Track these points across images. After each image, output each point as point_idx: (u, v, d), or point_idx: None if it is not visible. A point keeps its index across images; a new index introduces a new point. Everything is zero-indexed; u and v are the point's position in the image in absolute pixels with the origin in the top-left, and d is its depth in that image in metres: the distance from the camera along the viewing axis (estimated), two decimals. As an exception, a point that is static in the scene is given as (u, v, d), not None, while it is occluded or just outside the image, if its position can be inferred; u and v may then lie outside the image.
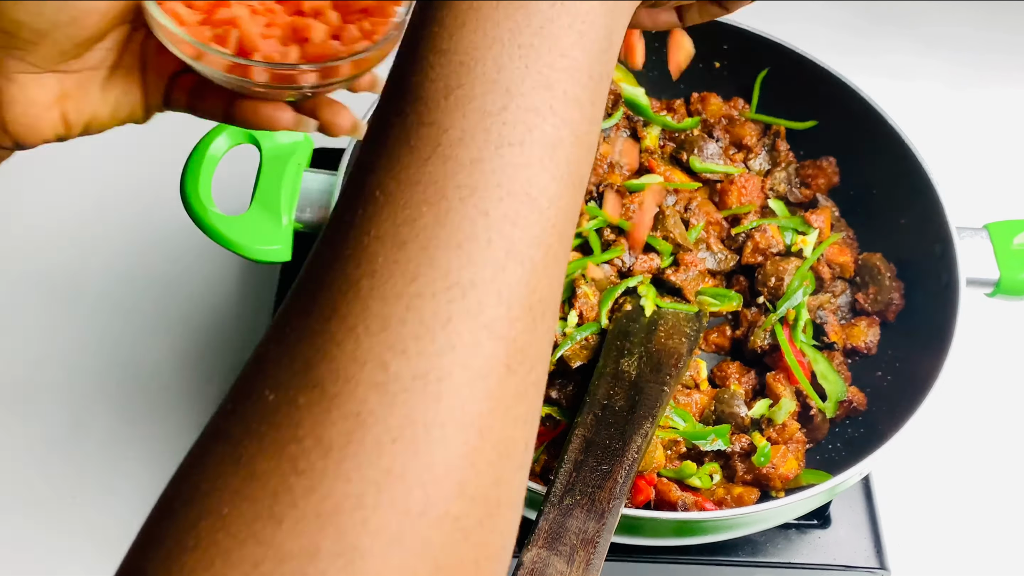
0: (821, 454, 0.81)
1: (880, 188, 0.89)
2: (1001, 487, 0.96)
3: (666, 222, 0.85)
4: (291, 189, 0.78)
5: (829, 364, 0.82)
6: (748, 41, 0.93)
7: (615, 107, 0.93)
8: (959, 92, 1.24)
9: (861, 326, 0.85)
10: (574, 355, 0.79)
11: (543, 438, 0.77)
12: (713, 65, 0.96)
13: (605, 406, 0.71)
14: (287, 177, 0.78)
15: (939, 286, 0.80)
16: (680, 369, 0.76)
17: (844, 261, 0.87)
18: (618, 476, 0.64)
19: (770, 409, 0.80)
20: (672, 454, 0.77)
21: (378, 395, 0.29)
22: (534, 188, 0.33)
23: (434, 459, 0.29)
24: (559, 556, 0.58)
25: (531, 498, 0.68)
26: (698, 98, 0.96)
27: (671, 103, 0.97)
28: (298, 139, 0.79)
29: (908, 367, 0.80)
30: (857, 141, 0.89)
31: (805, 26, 1.26)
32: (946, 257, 0.80)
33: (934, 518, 0.93)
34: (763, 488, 0.78)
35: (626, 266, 0.85)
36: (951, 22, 1.30)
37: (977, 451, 0.97)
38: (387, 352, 0.30)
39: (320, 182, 0.79)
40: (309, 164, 0.80)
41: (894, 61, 1.26)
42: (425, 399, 0.30)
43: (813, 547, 0.82)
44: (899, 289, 0.85)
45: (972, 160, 1.17)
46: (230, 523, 0.28)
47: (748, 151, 0.94)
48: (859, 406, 0.82)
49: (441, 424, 0.30)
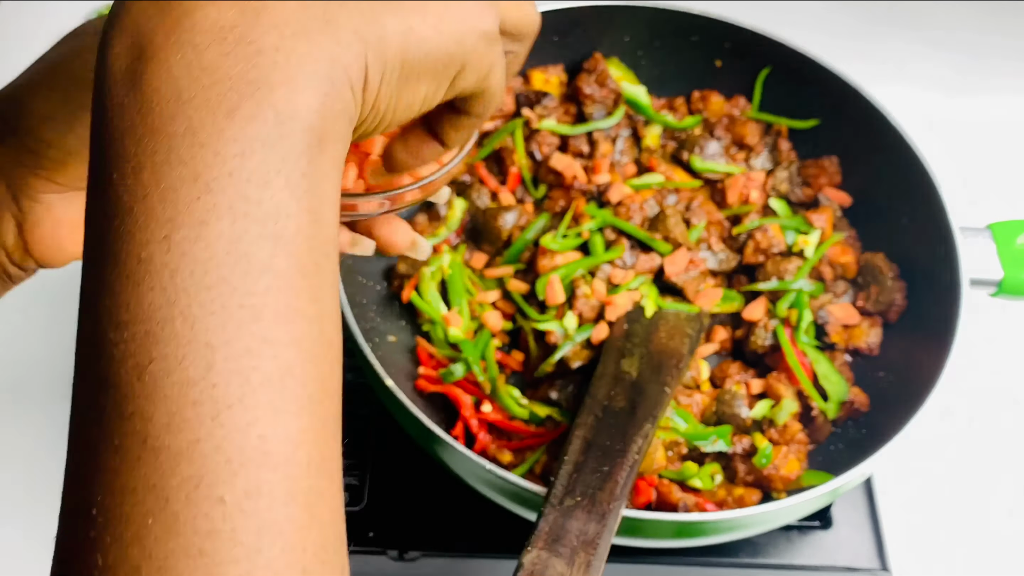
0: (823, 455, 0.81)
1: (882, 188, 0.88)
2: (1003, 488, 0.95)
3: (667, 222, 0.85)
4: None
5: (831, 365, 0.81)
6: (749, 39, 0.92)
7: (616, 106, 0.93)
8: (962, 91, 1.24)
9: (863, 326, 0.85)
10: (574, 356, 0.79)
11: (543, 439, 0.77)
12: (714, 64, 0.96)
13: (606, 407, 0.70)
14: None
15: (942, 286, 0.79)
16: (681, 370, 0.75)
17: (846, 261, 0.86)
18: (619, 477, 0.63)
19: (771, 410, 0.80)
20: (673, 455, 0.76)
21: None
22: (271, 442, 0.29)
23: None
24: (559, 558, 0.58)
25: (531, 499, 0.68)
26: (699, 96, 0.96)
27: (672, 101, 0.97)
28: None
29: (911, 368, 0.80)
30: (859, 140, 0.89)
31: (807, 24, 1.26)
32: (949, 257, 0.79)
33: (936, 519, 0.93)
34: (764, 489, 0.77)
35: (627, 265, 0.85)
36: (955, 21, 1.30)
37: (979, 452, 0.97)
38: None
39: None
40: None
41: (897, 60, 1.26)
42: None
43: (815, 548, 0.82)
44: (901, 289, 0.85)
45: (975, 160, 1.16)
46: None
47: (749, 150, 0.94)
48: (861, 407, 0.81)
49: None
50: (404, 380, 0.79)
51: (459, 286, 0.84)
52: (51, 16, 1.28)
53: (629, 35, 0.96)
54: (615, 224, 0.85)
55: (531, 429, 0.78)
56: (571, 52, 0.96)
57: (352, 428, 0.88)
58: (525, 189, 0.91)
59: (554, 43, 0.95)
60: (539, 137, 0.91)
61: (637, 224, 0.85)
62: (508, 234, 0.87)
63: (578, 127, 0.92)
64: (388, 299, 0.86)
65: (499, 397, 0.78)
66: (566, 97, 0.95)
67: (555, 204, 0.89)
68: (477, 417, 0.78)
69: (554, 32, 0.94)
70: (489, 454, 0.77)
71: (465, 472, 0.72)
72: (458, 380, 0.79)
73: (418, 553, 0.80)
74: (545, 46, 0.95)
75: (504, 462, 0.77)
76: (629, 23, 0.95)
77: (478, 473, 0.70)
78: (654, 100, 0.96)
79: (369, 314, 0.82)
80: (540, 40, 0.95)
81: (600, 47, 0.96)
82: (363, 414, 0.86)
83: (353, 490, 0.82)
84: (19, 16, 1.29)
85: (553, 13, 0.92)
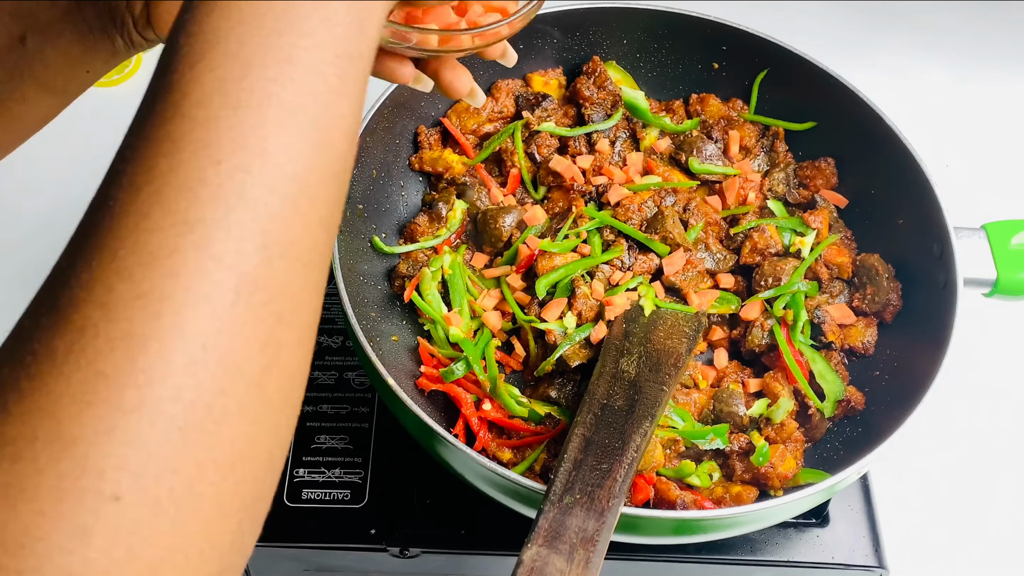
0: (819, 453, 0.82)
1: (878, 188, 0.89)
2: (998, 485, 0.96)
3: (665, 222, 0.86)
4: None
5: (827, 364, 0.82)
6: (747, 41, 0.93)
7: (614, 108, 0.94)
8: (957, 93, 1.25)
9: (859, 326, 0.85)
10: (573, 355, 0.79)
11: (543, 437, 0.78)
12: (712, 66, 0.96)
13: (604, 405, 0.71)
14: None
15: (937, 286, 0.80)
16: (679, 368, 0.76)
17: (842, 262, 0.87)
18: (617, 475, 0.64)
19: (768, 408, 0.80)
20: (671, 453, 0.77)
21: (102, 311, 0.34)
22: (270, 144, 0.37)
23: (150, 365, 0.33)
24: (559, 554, 0.59)
25: (531, 497, 0.69)
26: (697, 99, 0.97)
27: (670, 104, 0.97)
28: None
29: (906, 367, 0.80)
30: (856, 142, 0.90)
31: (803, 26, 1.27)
32: (944, 257, 0.80)
33: (932, 517, 0.94)
34: (762, 487, 0.78)
35: (626, 266, 0.85)
36: (949, 24, 1.31)
37: (975, 450, 0.98)
38: (114, 277, 0.34)
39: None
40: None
41: (892, 62, 1.27)
42: (145, 315, 0.34)
43: (811, 546, 0.82)
44: (897, 290, 0.85)
45: (970, 160, 1.17)
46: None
47: (747, 152, 0.94)
48: (857, 406, 0.82)
49: (159, 337, 0.34)
50: (405, 379, 0.80)
51: (460, 286, 0.85)
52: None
53: (628, 38, 0.96)
54: (613, 225, 0.86)
55: (531, 427, 0.79)
56: (571, 55, 0.97)
57: (352, 428, 0.89)
58: (525, 190, 0.92)
59: (554, 45, 0.96)
60: (539, 139, 0.91)
61: (635, 226, 0.86)
62: (509, 235, 0.87)
63: (577, 129, 0.93)
64: (390, 299, 0.86)
65: (499, 396, 0.79)
66: (565, 99, 0.96)
67: (555, 205, 0.90)
68: (478, 416, 0.79)
69: (554, 35, 0.95)
70: (489, 452, 0.78)
71: (466, 470, 0.72)
72: (458, 379, 0.80)
73: (419, 550, 0.81)
74: (545, 49, 0.96)
75: (504, 460, 0.77)
76: (628, 25, 0.96)
77: (478, 471, 0.70)
78: (652, 103, 0.97)
79: (371, 314, 0.83)
80: (540, 43, 0.96)
81: (600, 50, 0.96)
82: (364, 414, 0.87)
83: (354, 488, 0.83)
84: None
85: (554, 15, 0.93)
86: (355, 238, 0.85)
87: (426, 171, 0.93)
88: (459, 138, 0.93)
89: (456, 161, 0.92)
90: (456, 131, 0.93)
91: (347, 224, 0.84)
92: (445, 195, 0.89)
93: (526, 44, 0.94)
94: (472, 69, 0.87)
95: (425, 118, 0.94)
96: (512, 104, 0.95)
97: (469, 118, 0.94)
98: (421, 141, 0.93)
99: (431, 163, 0.92)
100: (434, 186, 0.93)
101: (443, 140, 0.94)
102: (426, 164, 0.92)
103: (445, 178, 0.92)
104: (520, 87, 0.96)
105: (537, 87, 0.96)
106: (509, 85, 0.95)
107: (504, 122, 0.95)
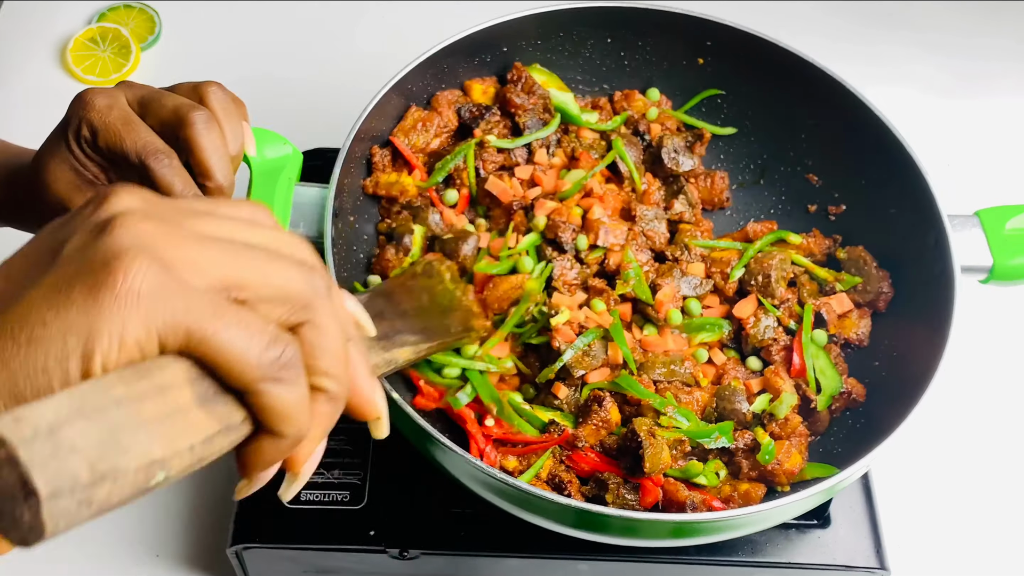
0: (823, 447, 0.81)
1: (869, 179, 0.88)
2: (1000, 486, 0.96)
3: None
4: (283, 203, 0.76)
5: (828, 359, 0.81)
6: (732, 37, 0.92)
7: (547, 113, 0.91)
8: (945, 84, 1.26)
9: (852, 317, 0.85)
10: (576, 363, 0.77)
11: (548, 445, 0.76)
12: (696, 62, 0.95)
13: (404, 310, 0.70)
14: (279, 191, 0.76)
15: (933, 275, 0.79)
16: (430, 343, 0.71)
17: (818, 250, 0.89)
18: None
19: (771, 404, 0.79)
20: (677, 454, 0.76)
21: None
22: None
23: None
24: None
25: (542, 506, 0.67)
26: (622, 96, 0.96)
27: (596, 101, 0.96)
28: (287, 153, 0.77)
29: (906, 357, 0.80)
30: (845, 132, 0.89)
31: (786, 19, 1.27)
32: (939, 246, 0.79)
33: (933, 518, 0.94)
34: (769, 484, 0.77)
35: None
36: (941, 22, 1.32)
37: (976, 448, 0.98)
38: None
39: (312, 195, 0.79)
40: (299, 178, 0.79)
41: (880, 52, 1.27)
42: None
43: (813, 547, 0.82)
44: (886, 278, 0.85)
45: (960, 148, 1.17)
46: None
47: None
48: (858, 397, 0.81)
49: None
50: (405, 392, 0.79)
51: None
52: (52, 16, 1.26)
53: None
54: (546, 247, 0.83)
55: (535, 437, 0.76)
56: (496, 63, 0.95)
57: (352, 428, 0.86)
58: (475, 210, 0.89)
59: (484, 61, 0.94)
60: (484, 154, 0.88)
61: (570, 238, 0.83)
62: (472, 262, 0.83)
63: (518, 140, 0.90)
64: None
65: (507, 417, 0.76)
66: (499, 109, 0.93)
67: (497, 224, 0.87)
68: (482, 432, 0.76)
69: (480, 49, 0.93)
70: (495, 462, 0.76)
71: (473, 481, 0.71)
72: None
73: (418, 552, 0.80)
74: (474, 62, 0.94)
75: (510, 468, 0.76)
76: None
77: (484, 480, 0.69)
78: (577, 99, 0.95)
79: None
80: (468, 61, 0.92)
81: (520, 56, 0.94)
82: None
83: (353, 490, 0.82)
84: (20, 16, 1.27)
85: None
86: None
87: (379, 195, 0.89)
88: (411, 159, 0.89)
89: (410, 184, 0.88)
90: (407, 151, 0.89)
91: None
92: (403, 222, 0.86)
93: (455, 61, 0.91)
94: (411, 81, 0.84)
95: (377, 138, 0.90)
96: (454, 116, 0.92)
97: (417, 136, 0.90)
98: (376, 163, 0.89)
99: (386, 187, 0.88)
100: (386, 210, 0.89)
101: (392, 159, 0.90)
102: (381, 188, 0.88)
103: (400, 202, 0.88)
104: (459, 97, 0.93)
105: (476, 96, 0.93)
106: (448, 97, 0.92)
107: (450, 135, 0.92)
